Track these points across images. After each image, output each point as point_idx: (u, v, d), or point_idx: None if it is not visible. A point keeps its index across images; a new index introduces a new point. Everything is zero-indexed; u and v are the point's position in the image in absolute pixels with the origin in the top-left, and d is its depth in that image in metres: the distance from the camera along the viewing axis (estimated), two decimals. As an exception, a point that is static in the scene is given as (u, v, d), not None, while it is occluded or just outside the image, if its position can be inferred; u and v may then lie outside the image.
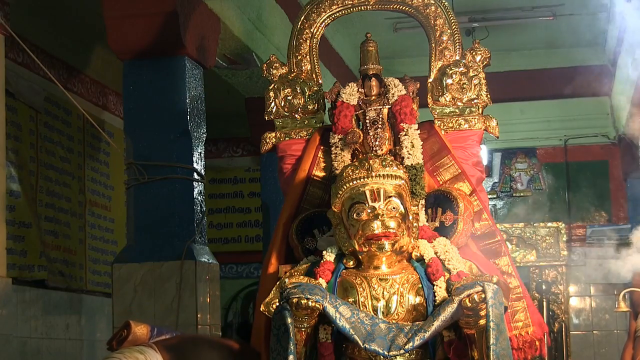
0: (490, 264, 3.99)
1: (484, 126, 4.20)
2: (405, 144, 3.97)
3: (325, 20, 4.32)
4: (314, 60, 4.32)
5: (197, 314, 6.11)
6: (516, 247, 11.20)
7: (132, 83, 6.38)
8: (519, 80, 10.72)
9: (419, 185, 3.90)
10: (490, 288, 3.45)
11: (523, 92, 10.78)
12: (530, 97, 10.92)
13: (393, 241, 3.65)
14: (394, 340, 3.48)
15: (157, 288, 6.14)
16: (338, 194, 3.73)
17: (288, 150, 4.25)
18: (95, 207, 8.64)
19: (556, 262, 11.23)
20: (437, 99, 4.22)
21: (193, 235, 6.22)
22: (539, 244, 11.26)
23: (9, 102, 6.80)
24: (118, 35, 6.29)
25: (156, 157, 6.26)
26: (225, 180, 11.59)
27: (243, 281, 11.39)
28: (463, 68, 4.21)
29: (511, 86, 10.59)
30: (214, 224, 11.37)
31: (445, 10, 4.25)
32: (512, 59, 10.73)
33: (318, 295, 3.48)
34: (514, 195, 11.58)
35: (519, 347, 3.99)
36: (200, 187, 6.39)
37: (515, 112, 10.86)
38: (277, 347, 3.49)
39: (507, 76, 10.47)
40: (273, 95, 4.29)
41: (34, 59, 6.34)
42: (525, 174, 11.61)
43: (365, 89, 4.12)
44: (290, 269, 3.85)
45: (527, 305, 4.06)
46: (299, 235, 4.02)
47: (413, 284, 3.66)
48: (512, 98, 10.70)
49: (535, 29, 10.06)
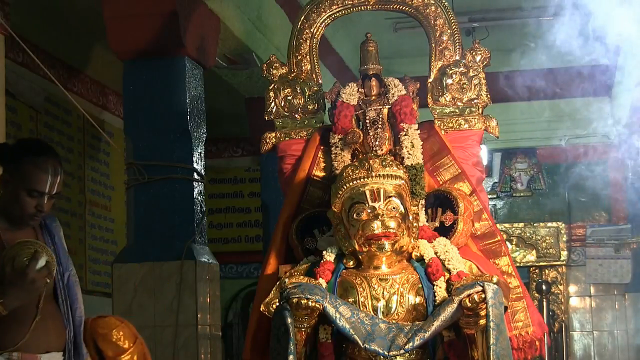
0: (490, 264, 3.99)
1: (484, 126, 4.20)
2: (405, 144, 3.97)
3: (325, 20, 4.33)
4: (314, 60, 4.32)
5: (197, 314, 6.11)
6: (516, 247, 11.21)
7: (132, 83, 6.38)
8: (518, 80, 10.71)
9: (419, 185, 3.90)
10: (490, 288, 3.45)
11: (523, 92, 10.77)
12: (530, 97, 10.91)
13: (393, 241, 3.65)
14: (394, 340, 3.49)
15: (157, 288, 6.15)
16: (338, 194, 3.74)
17: (288, 150, 4.25)
18: (95, 207, 8.64)
19: (556, 262, 11.25)
20: (437, 99, 4.22)
21: (193, 235, 6.22)
22: (539, 244, 11.27)
23: (9, 102, 6.79)
24: (118, 35, 6.30)
25: (156, 157, 6.27)
26: (225, 180, 11.59)
27: (243, 281, 11.39)
28: (463, 68, 4.21)
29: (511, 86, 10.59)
30: (214, 224, 11.37)
31: (445, 10, 4.25)
32: (512, 59, 10.72)
33: (318, 295, 3.49)
34: (514, 195, 11.58)
35: (519, 347, 3.99)
36: (200, 187, 6.40)
37: (515, 112, 10.85)
38: (277, 347, 3.50)
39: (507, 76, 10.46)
40: (273, 95, 4.29)
41: (34, 59, 6.34)
42: (525, 174, 11.60)
43: (365, 89, 4.12)
44: (290, 269, 3.85)
45: (527, 305, 4.06)
46: (299, 235, 4.03)
47: (413, 284, 3.66)
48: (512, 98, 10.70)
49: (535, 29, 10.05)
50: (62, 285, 3.70)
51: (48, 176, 3.61)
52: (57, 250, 3.72)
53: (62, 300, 3.69)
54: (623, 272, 11.01)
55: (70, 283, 3.73)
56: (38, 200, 3.60)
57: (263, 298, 3.76)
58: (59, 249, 3.75)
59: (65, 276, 3.73)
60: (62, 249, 3.77)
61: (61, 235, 3.82)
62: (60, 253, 3.75)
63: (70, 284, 3.73)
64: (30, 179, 3.58)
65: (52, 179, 3.62)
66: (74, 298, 3.73)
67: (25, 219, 3.63)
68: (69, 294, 3.72)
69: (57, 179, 3.64)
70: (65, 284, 3.71)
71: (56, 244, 3.75)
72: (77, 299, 3.75)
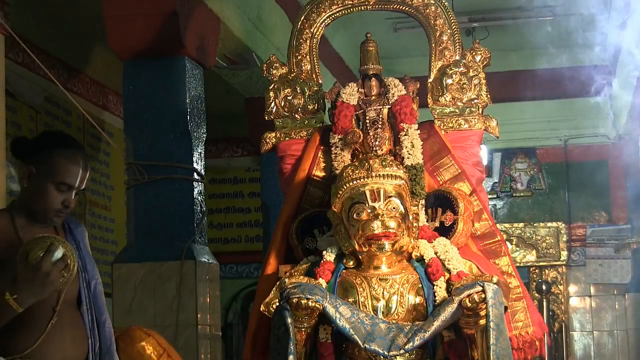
0: (490, 264, 3.99)
1: (484, 126, 4.20)
2: (405, 144, 3.97)
3: (325, 20, 4.32)
4: (314, 60, 4.32)
5: (197, 314, 6.12)
6: (516, 247, 11.21)
7: (132, 83, 6.38)
8: (519, 80, 10.71)
9: (419, 185, 3.90)
10: (490, 288, 3.45)
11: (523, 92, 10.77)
12: (530, 97, 10.91)
13: (393, 241, 3.65)
14: (394, 340, 3.48)
15: (157, 288, 6.15)
16: (338, 194, 3.73)
17: (288, 150, 4.25)
18: (95, 207, 8.65)
19: (556, 262, 11.25)
20: (437, 99, 4.22)
21: (193, 235, 6.23)
22: (539, 244, 11.27)
23: (9, 102, 6.79)
24: (118, 35, 6.30)
25: (156, 157, 6.27)
26: (225, 180, 11.60)
27: (243, 281, 11.39)
28: (463, 68, 4.21)
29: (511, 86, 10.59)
30: (214, 224, 11.38)
31: (445, 10, 4.25)
32: (512, 59, 10.72)
33: (318, 295, 3.49)
34: (514, 195, 11.58)
35: (519, 347, 3.99)
36: (200, 187, 6.40)
37: (515, 112, 10.85)
38: (277, 347, 3.49)
39: (507, 76, 10.47)
40: (273, 95, 4.29)
41: (34, 59, 6.34)
42: (525, 174, 11.60)
43: (365, 89, 4.12)
44: (290, 269, 3.85)
45: (527, 305, 4.06)
46: (299, 235, 4.03)
47: (413, 284, 3.66)
48: (512, 98, 10.70)
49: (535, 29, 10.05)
50: (87, 293, 3.47)
51: (79, 169, 3.43)
52: (82, 256, 3.51)
53: (87, 308, 3.45)
54: (623, 272, 11.01)
55: (96, 292, 3.51)
56: (66, 195, 3.40)
57: (263, 298, 3.76)
58: (84, 255, 3.55)
59: (92, 284, 3.52)
60: (87, 255, 3.57)
61: (87, 242, 3.63)
62: (86, 259, 3.54)
63: (96, 292, 3.51)
64: (61, 172, 3.39)
65: (82, 172, 3.45)
66: (102, 309, 3.51)
67: (50, 215, 3.42)
68: (95, 303, 3.49)
69: (86, 173, 3.48)
70: (91, 293, 3.49)
71: (81, 249, 3.55)
72: (104, 310, 3.52)
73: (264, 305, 3.72)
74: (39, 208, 3.42)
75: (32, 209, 3.43)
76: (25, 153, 3.49)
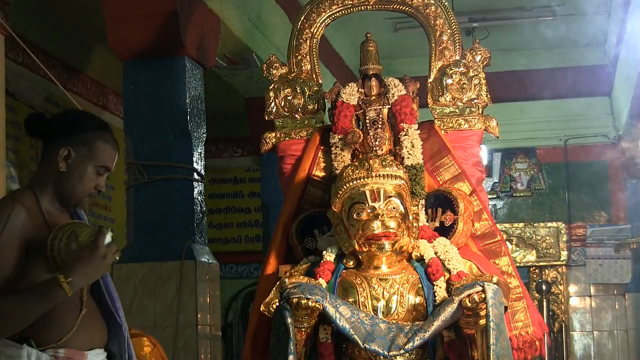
0: (490, 264, 3.99)
1: (484, 126, 4.20)
2: (405, 144, 3.97)
3: (325, 20, 4.33)
4: (314, 60, 4.32)
5: (197, 314, 6.12)
6: (516, 247, 11.21)
7: (132, 83, 6.38)
8: (519, 80, 10.72)
9: (419, 185, 3.90)
10: (490, 288, 3.45)
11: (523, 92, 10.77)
12: (530, 97, 10.91)
13: (393, 241, 3.65)
14: (394, 340, 3.49)
15: (157, 288, 6.15)
16: (338, 194, 3.73)
17: (288, 150, 4.25)
18: (95, 207, 8.64)
19: (556, 262, 11.24)
20: (437, 99, 4.22)
21: (193, 235, 6.22)
22: (539, 244, 11.26)
23: (9, 102, 6.79)
24: (118, 35, 6.30)
25: (156, 157, 6.27)
26: (225, 180, 11.60)
27: (243, 281, 11.39)
28: (463, 68, 4.21)
29: (511, 86, 10.59)
30: (214, 224, 11.38)
31: (445, 10, 4.25)
32: (512, 59, 10.72)
33: (318, 295, 3.49)
34: (514, 195, 11.57)
35: (519, 347, 3.99)
36: (200, 187, 6.40)
37: (515, 112, 10.85)
38: (277, 347, 3.49)
39: (507, 76, 10.47)
40: (273, 95, 4.29)
41: (34, 59, 6.34)
42: (525, 174, 11.60)
43: (365, 89, 4.12)
44: (290, 269, 3.85)
45: (527, 305, 4.06)
46: (299, 235, 4.03)
47: (413, 284, 3.66)
48: (512, 98, 10.70)
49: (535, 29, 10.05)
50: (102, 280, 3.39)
51: (116, 153, 3.32)
52: None
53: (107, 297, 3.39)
54: (623, 272, 11.00)
55: (108, 279, 3.44)
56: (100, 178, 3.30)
57: (263, 298, 3.76)
58: None
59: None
60: None
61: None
62: None
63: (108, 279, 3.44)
64: (103, 154, 3.28)
65: (117, 156, 3.34)
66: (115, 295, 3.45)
67: (82, 199, 3.30)
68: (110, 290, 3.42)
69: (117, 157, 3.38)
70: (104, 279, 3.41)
71: None
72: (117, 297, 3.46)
73: (264, 305, 3.72)
74: (75, 191, 3.30)
75: (66, 191, 3.30)
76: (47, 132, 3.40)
